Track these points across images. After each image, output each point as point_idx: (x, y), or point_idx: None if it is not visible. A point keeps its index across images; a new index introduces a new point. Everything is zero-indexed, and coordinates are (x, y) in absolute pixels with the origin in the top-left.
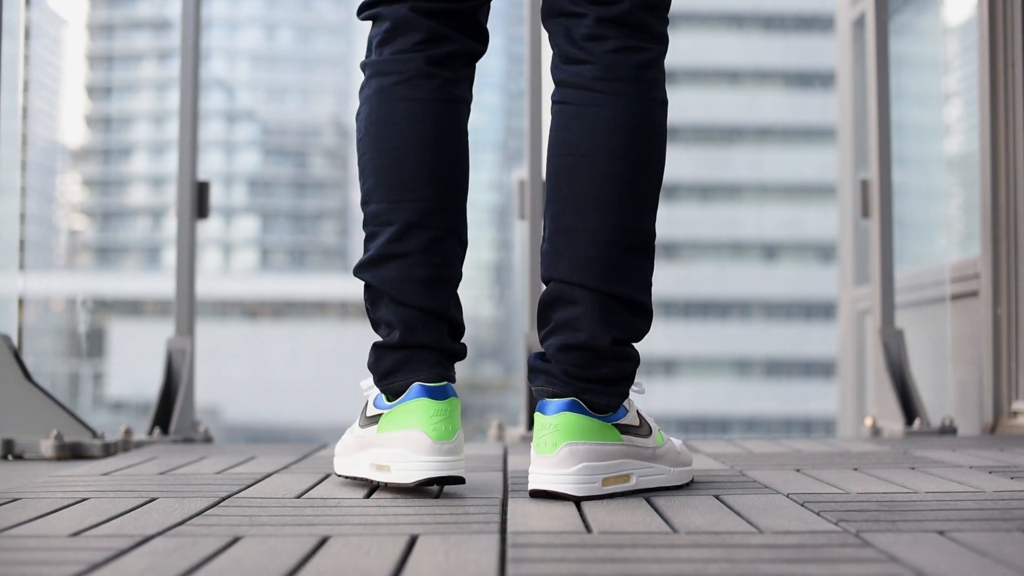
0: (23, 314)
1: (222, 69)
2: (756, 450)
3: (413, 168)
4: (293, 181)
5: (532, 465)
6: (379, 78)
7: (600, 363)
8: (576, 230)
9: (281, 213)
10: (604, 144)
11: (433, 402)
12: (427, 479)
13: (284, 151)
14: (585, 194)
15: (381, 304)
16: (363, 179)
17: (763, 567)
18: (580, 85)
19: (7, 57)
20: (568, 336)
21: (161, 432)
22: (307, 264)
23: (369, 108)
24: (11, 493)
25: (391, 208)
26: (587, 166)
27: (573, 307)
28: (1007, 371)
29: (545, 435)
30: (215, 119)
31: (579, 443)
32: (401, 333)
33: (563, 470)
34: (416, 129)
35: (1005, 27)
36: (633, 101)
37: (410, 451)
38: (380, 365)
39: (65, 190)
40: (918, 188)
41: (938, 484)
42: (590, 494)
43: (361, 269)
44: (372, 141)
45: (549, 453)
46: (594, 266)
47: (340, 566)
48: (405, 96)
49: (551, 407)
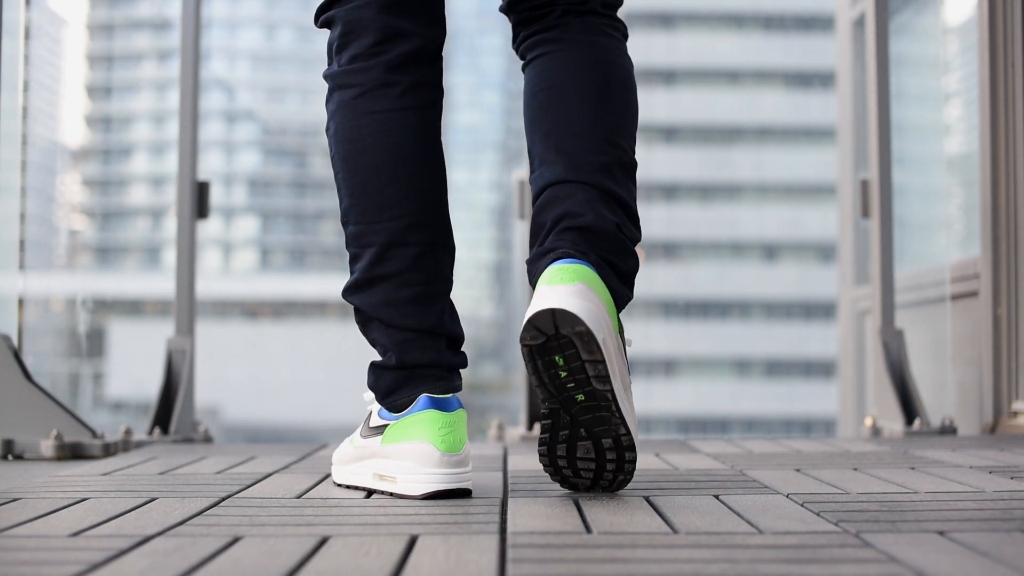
0: (23, 314)
1: (222, 69)
2: (756, 450)
3: (384, 186)
4: (293, 181)
5: (537, 296)
6: (340, 92)
7: (605, 246)
8: (567, 143)
9: (281, 213)
10: (587, 74)
11: (441, 414)
12: (435, 491)
13: (284, 151)
14: (572, 114)
15: (372, 327)
16: (340, 199)
17: (763, 567)
18: (547, 43)
19: (7, 57)
20: (569, 221)
21: (161, 432)
22: (307, 264)
23: (336, 125)
24: (11, 493)
25: (368, 229)
26: (571, 92)
27: (571, 200)
28: (1007, 371)
29: (563, 273)
30: (215, 119)
31: (596, 294)
32: (397, 356)
33: (576, 300)
34: (383, 144)
35: (1005, 27)
36: (604, 39)
37: (417, 463)
38: (381, 384)
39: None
40: (918, 188)
41: (938, 484)
42: (595, 330)
43: (348, 293)
44: (342, 161)
45: (567, 283)
46: (588, 167)
47: (340, 566)
48: (367, 110)
49: (568, 262)
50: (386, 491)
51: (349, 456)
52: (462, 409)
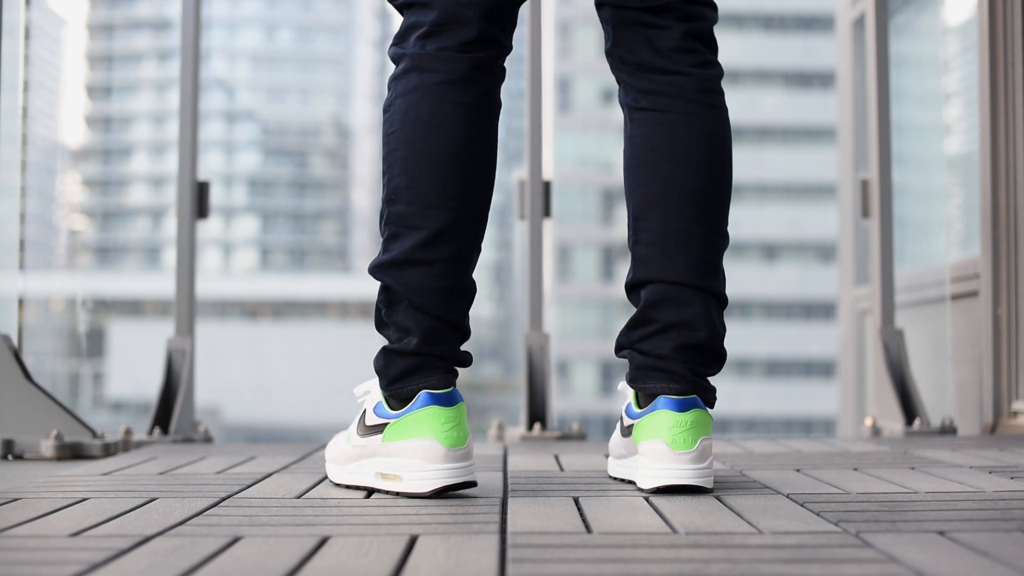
0: (23, 314)
1: (222, 69)
2: (756, 450)
3: (448, 175)
4: (293, 181)
5: (661, 461)
6: (421, 74)
7: (713, 362)
8: (687, 233)
9: (281, 213)
10: (709, 152)
11: (443, 409)
12: (443, 487)
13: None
14: (695, 199)
15: (399, 308)
16: (391, 176)
17: (763, 567)
18: (677, 95)
19: (7, 57)
20: (686, 336)
21: (161, 432)
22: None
23: (408, 104)
24: (11, 493)
25: (422, 213)
26: (695, 173)
27: (687, 308)
28: (1007, 371)
29: (682, 431)
30: (215, 119)
31: (708, 439)
32: (419, 341)
33: (699, 465)
34: (456, 136)
35: (1005, 27)
36: (722, 113)
37: (423, 460)
38: (390, 370)
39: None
40: (918, 188)
41: (938, 484)
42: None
43: (381, 270)
44: (408, 141)
45: (688, 449)
46: (705, 268)
47: (340, 566)
48: (448, 99)
49: (681, 404)
50: (391, 490)
51: (347, 455)
52: (462, 402)
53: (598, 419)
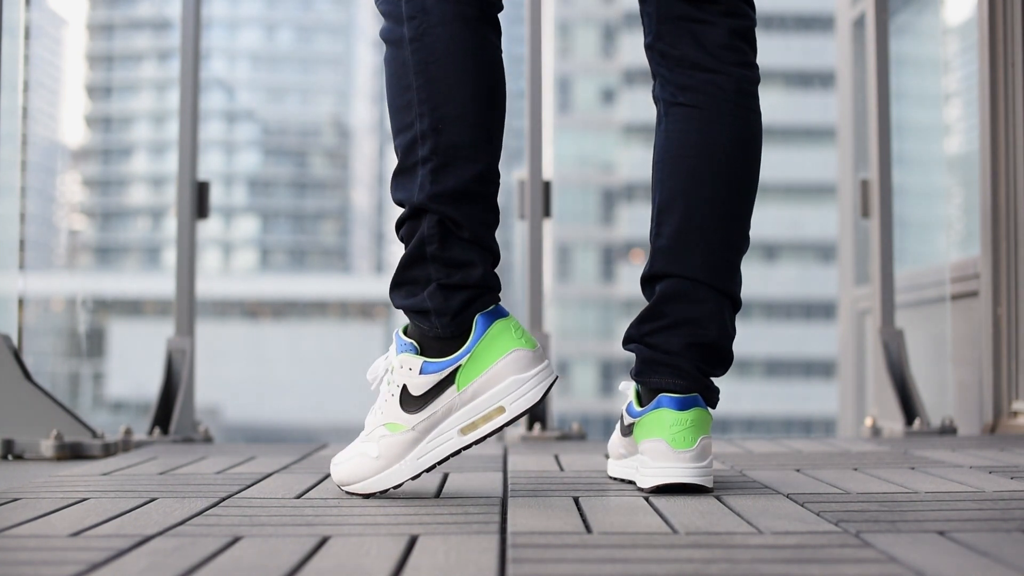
0: (23, 314)
1: (222, 69)
2: (756, 450)
3: (495, 111)
4: (293, 181)
5: (661, 460)
6: (456, 4)
7: (719, 363)
8: (709, 229)
9: (281, 213)
10: (740, 154)
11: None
12: (544, 392)
13: (284, 151)
14: (719, 197)
15: (454, 241)
16: (434, 104)
17: (763, 567)
18: (716, 94)
19: (7, 57)
20: (696, 334)
21: (161, 432)
22: (307, 264)
23: (451, 34)
24: (11, 493)
25: (476, 145)
26: (725, 171)
27: (700, 305)
28: (1007, 371)
29: (682, 430)
30: (215, 119)
31: (708, 438)
32: (482, 273)
33: (699, 463)
34: (497, 72)
35: (1005, 27)
36: (757, 117)
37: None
38: (451, 303)
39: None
40: (918, 188)
41: (938, 484)
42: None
43: (438, 200)
44: (461, 70)
45: (689, 447)
46: (723, 268)
47: (340, 566)
48: (486, 34)
49: (682, 402)
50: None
51: (409, 441)
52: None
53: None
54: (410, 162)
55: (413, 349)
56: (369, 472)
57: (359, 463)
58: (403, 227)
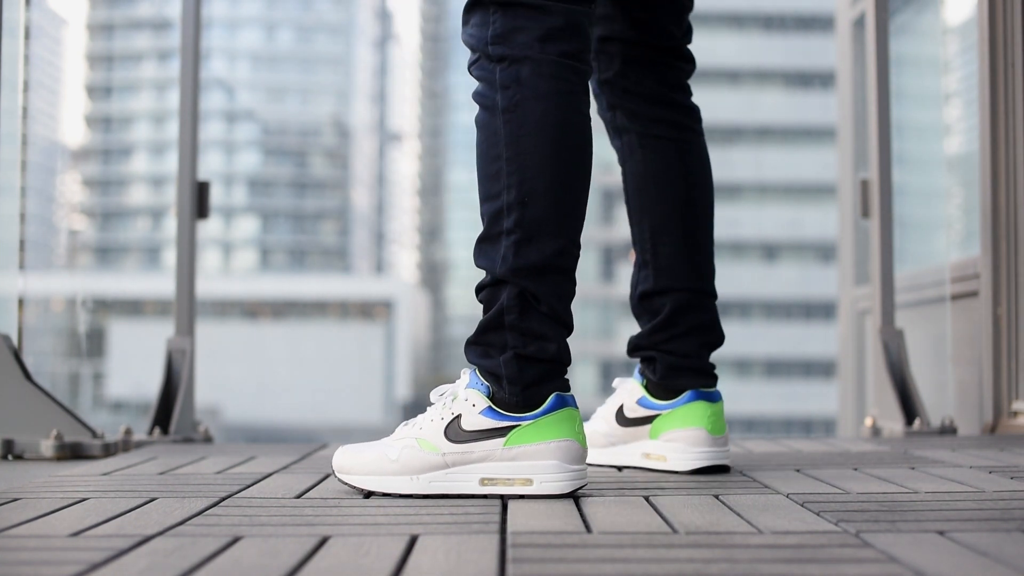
0: (23, 314)
1: (222, 69)
2: (756, 450)
3: (583, 188)
4: (293, 181)
5: (702, 445)
6: (555, 80)
7: (715, 349)
8: (702, 246)
9: (281, 213)
10: (708, 178)
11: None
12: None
13: (284, 151)
14: (706, 216)
15: (533, 315)
16: (522, 177)
17: (763, 567)
18: (685, 126)
19: (7, 57)
20: (706, 336)
21: (161, 432)
22: (307, 264)
23: (545, 108)
24: (11, 493)
25: (560, 221)
26: (707, 195)
27: (706, 313)
28: (1007, 371)
29: (717, 420)
30: (215, 119)
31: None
32: (556, 348)
33: (727, 447)
34: (588, 148)
35: (1005, 27)
36: (705, 141)
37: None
38: (525, 375)
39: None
40: (918, 188)
41: (938, 484)
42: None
43: (521, 274)
44: (551, 147)
45: (722, 434)
46: (713, 275)
47: (340, 566)
48: (581, 111)
49: (713, 395)
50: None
51: (426, 463)
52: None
53: None
54: (495, 231)
55: (487, 390)
56: (378, 470)
57: (372, 457)
58: (483, 292)
